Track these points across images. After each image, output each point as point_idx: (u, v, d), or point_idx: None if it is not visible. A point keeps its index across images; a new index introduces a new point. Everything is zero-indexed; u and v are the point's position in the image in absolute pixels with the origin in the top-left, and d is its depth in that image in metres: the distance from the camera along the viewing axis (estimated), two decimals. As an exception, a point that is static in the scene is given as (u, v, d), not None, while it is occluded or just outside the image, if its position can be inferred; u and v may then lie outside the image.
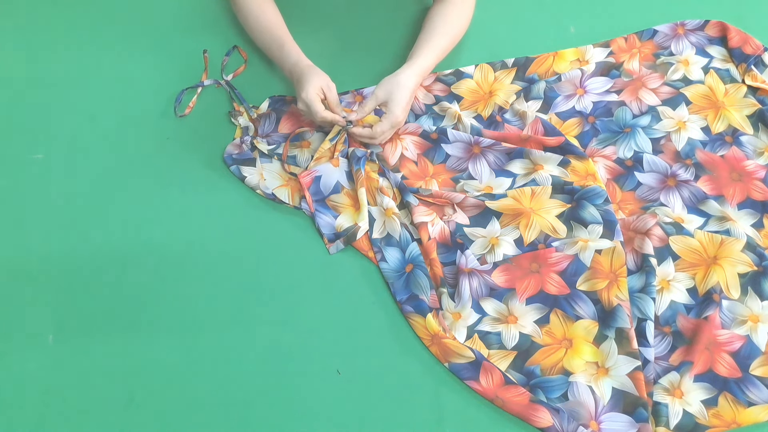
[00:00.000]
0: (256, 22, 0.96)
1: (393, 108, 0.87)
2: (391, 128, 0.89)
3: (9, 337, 0.82)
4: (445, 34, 0.94)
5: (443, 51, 0.94)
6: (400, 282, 0.84)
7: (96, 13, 1.08)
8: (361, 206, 0.87)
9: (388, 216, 0.87)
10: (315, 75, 0.88)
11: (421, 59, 0.91)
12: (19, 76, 1.02)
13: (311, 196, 0.89)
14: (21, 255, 0.87)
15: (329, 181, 0.90)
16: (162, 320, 0.83)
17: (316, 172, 0.90)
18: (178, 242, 0.88)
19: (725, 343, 0.78)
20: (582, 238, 0.85)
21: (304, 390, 0.78)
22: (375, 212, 0.88)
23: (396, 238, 0.86)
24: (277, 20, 0.96)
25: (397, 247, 0.86)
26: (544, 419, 0.74)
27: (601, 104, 0.96)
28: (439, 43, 0.93)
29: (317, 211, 0.88)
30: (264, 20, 0.95)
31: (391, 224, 0.87)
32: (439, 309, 0.82)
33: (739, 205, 0.88)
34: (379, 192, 0.89)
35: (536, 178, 0.90)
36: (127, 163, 0.94)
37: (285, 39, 0.94)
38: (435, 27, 0.94)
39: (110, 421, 0.77)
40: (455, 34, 0.96)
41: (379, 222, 0.88)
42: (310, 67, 0.89)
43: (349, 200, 0.90)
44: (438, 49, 0.93)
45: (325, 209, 0.89)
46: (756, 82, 0.96)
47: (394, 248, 0.86)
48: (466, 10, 0.97)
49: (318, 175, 0.90)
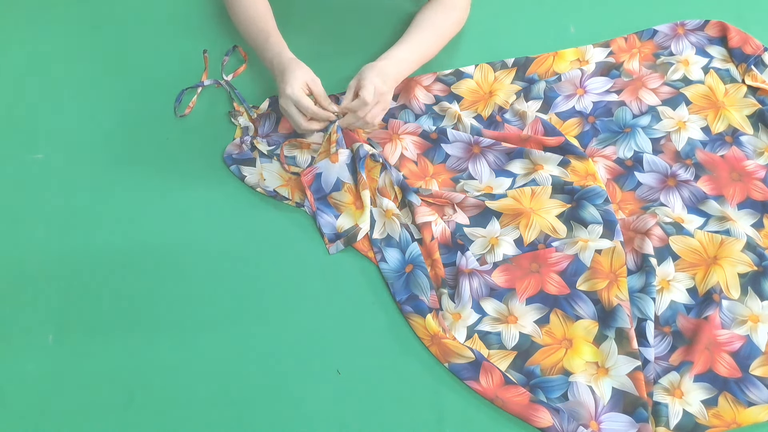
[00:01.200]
0: (244, 11, 0.95)
1: (365, 84, 0.84)
2: (377, 103, 0.85)
3: (9, 337, 0.82)
4: (428, 31, 0.93)
5: (425, 47, 0.93)
6: (399, 282, 0.84)
7: (96, 13, 1.08)
8: (365, 208, 0.87)
9: (388, 217, 0.87)
10: (298, 68, 0.86)
11: (397, 49, 0.90)
12: (19, 75, 1.02)
13: (313, 194, 0.89)
14: (21, 255, 0.87)
15: (329, 177, 0.89)
16: (162, 320, 0.83)
17: (317, 169, 0.89)
18: (178, 242, 0.88)
19: (725, 343, 0.78)
20: (582, 238, 0.85)
21: (304, 390, 0.78)
22: (375, 213, 0.88)
23: (396, 238, 0.86)
24: (265, 12, 0.95)
25: (397, 247, 0.86)
26: (544, 419, 0.74)
27: (601, 104, 0.96)
28: (420, 39, 0.92)
29: (319, 210, 0.88)
30: (252, 11, 0.94)
31: (391, 225, 0.87)
32: (438, 309, 0.82)
33: (739, 205, 0.88)
34: (379, 194, 0.89)
35: (536, 178, 0.90)
36: (127, 163, 0.94)
37: (271, 31, 0.92)
38: (418, 24, 0.94)
39: (110, 421, 0.77)
40: (440, 33, 0.95)
41: (380, 223, 0.88)
42: (292, 60, 0.87)
43: (350, 197, 0.89)
44: (418, 44, 0.92)
45: (327, 208, 0.89)
46: (756, 82, 0.96)
47: (394, 249, 0.86)
48: (457, 13, 0.96)
49: (318, 171, 0.89)
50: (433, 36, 0.94)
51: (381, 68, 0.86)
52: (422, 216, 0.86)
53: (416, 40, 0.92)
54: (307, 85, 0.85)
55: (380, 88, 0.85)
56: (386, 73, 0.86)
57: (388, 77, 0.86)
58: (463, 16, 0.98)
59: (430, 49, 0.94)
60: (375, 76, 0.84)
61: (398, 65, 0.89)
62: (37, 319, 0.83)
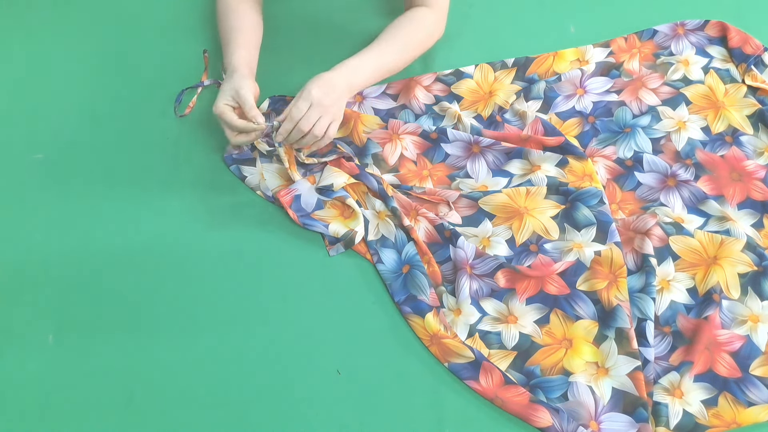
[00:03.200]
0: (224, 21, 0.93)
1: (306, 86, 0.82)
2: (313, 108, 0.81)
3: (9, 337, 0.82)
4: (394, 41, 0.91)
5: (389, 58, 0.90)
6: (397, 283, 0.84)
7: (96, 13, 1.08)
8: (355, 214, 0.87)
9: (382, 219, 0.87)
10: (229, 80, 0.84)
11: (354, 58, 0.88)
12: (19, 76, 1.02)
13: (295, 212, 0.87)
14: (21, 255, 0.87)
15: (309, 200, 0.88)
16: (162, 320, 0.83)
17: (295, 191, 0.88)
18: (178, 242, 0.88)
19: (725, 343, 0.78)
20: (575, 242, 0.85)
21: (304, 390, 0.78)
22: (368, 215, 0.88)
23: (391, 239, 0.86)
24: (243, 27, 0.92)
25: (393, 248, 0.86)
26: (544, 419, 0.74)
27: (601, 104, 0.96)
28: (383, 50, 0.90)
29: (306, 225, 0.87)
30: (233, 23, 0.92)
31: (386, 226, 0.87)
32: (440, 307, 0.82)
33: (739, 205, 0.88)
34: (368, 195, 0.89)
35: (532, 178, 0.90)
36: (127, 163, 0.94)
37: (238, 40, 0.90)
38: (385, 34, 0.92)
39: (110, 420, 0.77)
40: (407, 45, 0.92)
41: (373, 224, 0.88)
42: (233, 71, 0.85)
43: (336, 211, 0.89)
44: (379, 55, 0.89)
45: (314, 221, 0.88)
46: (756, 82, 0.96)
47: (390, 249, 0.86)
48: (427, 25, 0.94)
49: (297, 193, 0.88)
50: (400, 47, 0.91)
51: (327, 79, 0.83)
52: (405, 220, 0.86)
53: (379, 50, 0.90)
54: (233, 98, 0.83)
55: (318, 97, 0.82)
56: (333, 83, 0.83)
57: (333, 87, 0.83)
58: (434, 31, 0.95)
59: (395, 61, 0.91)
60: (315, 87, 0.82)
61: (350, 75, 0.86)
62: (37, 319, 0.83)
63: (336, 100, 0.84)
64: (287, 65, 1.01)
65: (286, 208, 0.87)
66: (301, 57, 1.02)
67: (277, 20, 1.03)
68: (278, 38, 1.03)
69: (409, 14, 0.94)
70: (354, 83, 0.87)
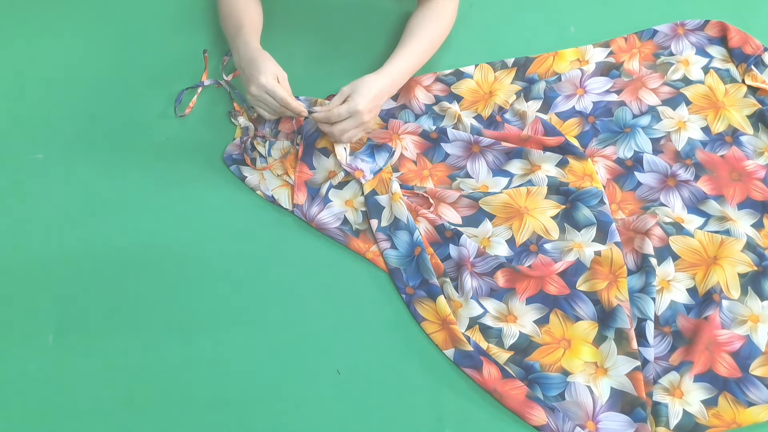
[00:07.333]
0: (228, 6, 0.95)
1: (355, 98, 0.84)
2: (352, 119, 0.84)
3: (9, 337, 0.82)
4: (422, 38, 0.93)
5: (419, 55, 0.92)
6: (411, 267, 0.84)
7: (96, 13, 1.08)
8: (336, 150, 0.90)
9: (395, 201, 0.87)
10: (268, 60, 0.86)
11: (393, 63, 0.89)
12: (19, 75, 1.02)
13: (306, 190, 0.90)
14: (21, 255, 0.88)
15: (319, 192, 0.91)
16: (162, 320, 0.83)
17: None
18: (178, 242, 0.88)
19: (725, 343, 0.78)
20: (575, 242, 0.85)
21: (304, 390, 0.79)
22: (383, 200, 0.88)
23: (404, 220, 0.86)
24: (248, 10, 0.95)
25: (405, 229, 0.86)
26: (539, 417, 0.74)
27: (601, 104, 0.96)
28: (415, 48, 0.92)
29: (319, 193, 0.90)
30: (236, 7, 0.95)
31: (398, 208, 0.87)
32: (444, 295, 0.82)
33: (739, 205, 0.88)
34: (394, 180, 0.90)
35: (533, 178, 0.90)
36: (127, 163, 0.94)
37: (245, 25, 0.92)
38: (412, 31, 0.93)
39: (110, 421, 0.77)
40: (432, 38, 0.94)
41: (387, 210, 0.88)
42: (259, 51, 0.87)
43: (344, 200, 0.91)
44: (413, 53, 0.91)
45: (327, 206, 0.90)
46: (756, 82, 0.96)
47: (403, 231, 0.86)
48: (447, 16, 0.96)
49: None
50: (427, 44, 0.94)
51: (375, 92, 0.85)
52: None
53: (409, 48, 0.92)
54: (277, 78, 0.85)
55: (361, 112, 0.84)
56: (378, 98, 0.86)
57: (377, 104, 0.87)
58: (452, 20, 0.98)
59: (423, 61, 0.94)
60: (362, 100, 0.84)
61: (391, 85, 0.88)
62: (37, 319, 0.83)
63: (374, 115, 0.88)
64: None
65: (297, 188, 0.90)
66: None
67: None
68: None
69: (429, 7, 0.95)
70: (392, 92, 0.90)
